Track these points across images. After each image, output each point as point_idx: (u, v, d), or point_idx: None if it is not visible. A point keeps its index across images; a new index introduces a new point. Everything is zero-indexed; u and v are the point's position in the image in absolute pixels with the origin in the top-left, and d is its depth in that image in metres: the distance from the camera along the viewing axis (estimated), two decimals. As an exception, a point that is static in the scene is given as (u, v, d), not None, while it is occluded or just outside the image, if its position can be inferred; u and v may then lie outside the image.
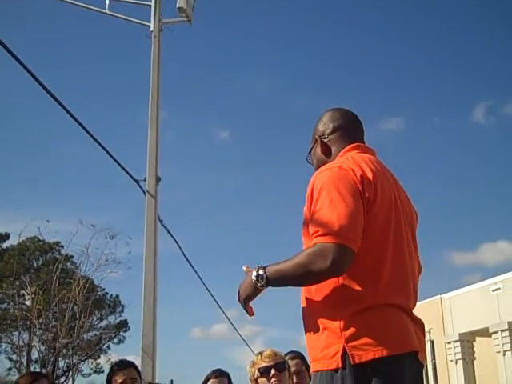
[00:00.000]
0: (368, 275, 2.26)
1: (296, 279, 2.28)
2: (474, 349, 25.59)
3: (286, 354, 4.10)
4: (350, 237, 2.19)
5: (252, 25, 49.44)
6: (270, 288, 2.34)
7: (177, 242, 10.78)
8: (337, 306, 2.24)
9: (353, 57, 47.91)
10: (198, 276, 12.21)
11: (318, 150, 2.65)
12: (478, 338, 25.32)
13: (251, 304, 2.42)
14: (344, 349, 2.17)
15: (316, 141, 2.66)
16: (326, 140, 2.63)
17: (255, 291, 2.36)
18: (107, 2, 10.21)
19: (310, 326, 2.34)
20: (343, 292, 2.25)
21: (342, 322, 2.21)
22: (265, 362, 3.72)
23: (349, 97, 41.48)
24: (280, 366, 3.73)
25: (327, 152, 2.61)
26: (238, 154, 46.12)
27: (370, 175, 2.33)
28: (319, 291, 2.31)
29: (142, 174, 9.45)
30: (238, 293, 2.41)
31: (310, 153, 2.72)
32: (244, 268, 2.43)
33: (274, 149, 45.27)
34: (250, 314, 2.44)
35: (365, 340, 2.16)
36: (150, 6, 10.17)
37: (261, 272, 2.31)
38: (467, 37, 47.95)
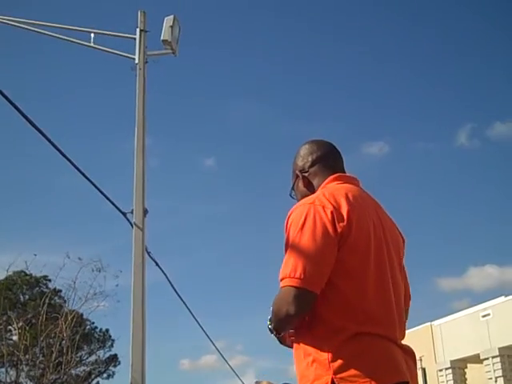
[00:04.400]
0: (348, 306, 2.26)
1: (279, 328, 2.38)
2: (466, 376, 25.50)
3: None
4: (309, 279, 2.20)
5: (237, 53, 49.99)
6: (258, 316, 2.38)
7: (165, 274, 10.74)
8: (323, 339, 2.24)
9: (337, 82, 48.55)
10: (187, 307, 12.17)
11: (301, 184, 2.65)
12: (469, 365, 25.25)
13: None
14: (332, 380, 2.16)
15: (297, 176, 2.67)
16: (306, 174, 2.64)
17: (280, 340, 2.46)
18: (92, 35, 10.28)
19: (300, 358, 2.33)
20: (326, 324, 2.25)
21: (329, 354, 2.19)
22: None
23: (334, 122, 41.87)
24: None
25: (309, 186, 2.62)
26: (223, 181, 46.26)
27: (344, 208, 2.33)
28: (306, 324, 2.31)
29: (129, 205, 9.40)
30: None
31: (292, 188, 2.72)
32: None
33: (261, 176, 45.49)
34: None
35: (352, 371, 2.15)
36: (134, 38, 10.25)
37: (271, 329, 2.43)
38: (450, 59, 48.67)
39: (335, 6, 48.80)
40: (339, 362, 2.17)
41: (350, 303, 2.26)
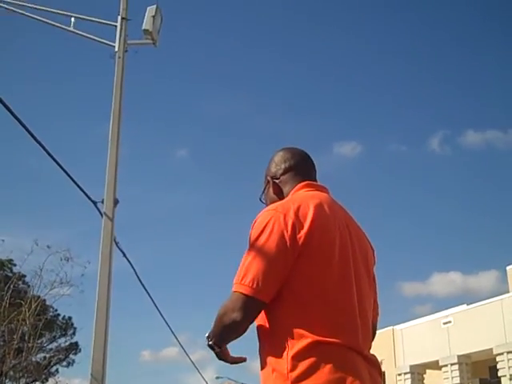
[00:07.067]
0: (308, 314, 2.25)
1: (222, 335, 2.33)
2: (424, 381, 25.80)
3: None
4: (258, 287, 2.21)
5: (216, 47, 49.91)
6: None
7: (132, 266, 10.71)
8: (282, 347, 2.23)
9: (312, 80, 48.75)
10: (151, 298, 12.14)
11: (271, 191, 2.67)
12: (428, 371, 25.56)
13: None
14: None
15: (268, 182, 2.69)
16: (277, 181, 2.65)
17: (219, 355, 2.41)
18: (72, 19, 10.19)
19: (263, 365, 2.32)
20: (285, 332, 2.24)
21: (288, 363, 2.18)
22: None
23: (307, 119, 41.93)
24: None
25: (279, 193, 2.63)
26: (195, 172, 46.17)
27: (307, 216, 2.32)
28: (266, 331, 2.32)
29: (99, 191, 9.33)
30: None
31: (263, 193, 2.73)
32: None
33: (233, 169, 45.44)
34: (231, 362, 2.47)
35: (310, 381, 2.13)
36: (115, 26, 10.17)
37: (210, 343, 2.37)
38: (427, 65, 49.17)
39: None
40: (297, 371, 2.16)
41: (311, 311, 2.26)
